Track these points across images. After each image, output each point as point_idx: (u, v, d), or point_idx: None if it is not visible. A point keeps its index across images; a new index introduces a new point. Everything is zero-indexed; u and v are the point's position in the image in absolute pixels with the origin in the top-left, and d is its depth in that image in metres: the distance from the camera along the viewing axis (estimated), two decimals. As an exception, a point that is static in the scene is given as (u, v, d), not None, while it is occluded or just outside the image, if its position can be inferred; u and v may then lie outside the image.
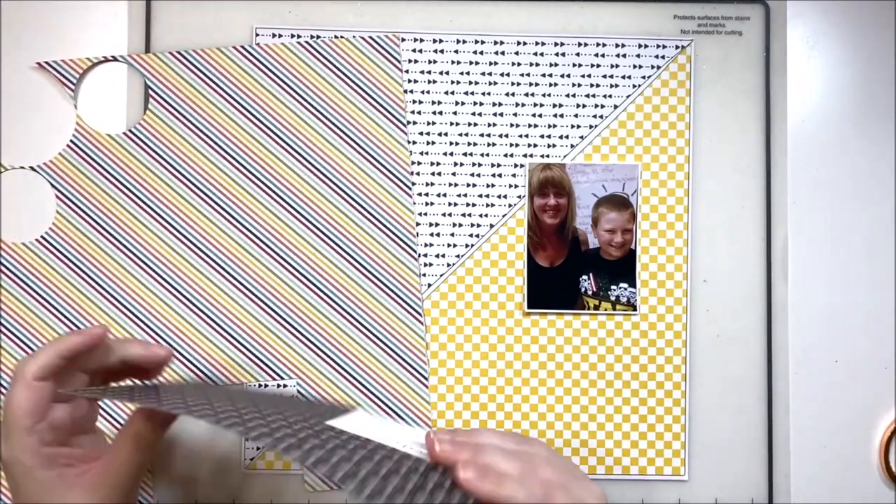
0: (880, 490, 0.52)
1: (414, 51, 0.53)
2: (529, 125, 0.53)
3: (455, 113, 0.53)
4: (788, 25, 0.54)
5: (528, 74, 0.53)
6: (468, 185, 0.53)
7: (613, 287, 0.52)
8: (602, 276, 0.52)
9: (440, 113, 0.53)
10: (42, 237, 0.51)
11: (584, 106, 0.53)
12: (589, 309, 0.52)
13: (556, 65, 0.53)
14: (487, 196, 0.53)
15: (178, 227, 0.52)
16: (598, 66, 0.53)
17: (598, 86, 0.53)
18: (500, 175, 0.53)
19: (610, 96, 0.53)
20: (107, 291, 0.51)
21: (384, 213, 0.52)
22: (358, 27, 0.53)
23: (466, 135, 0.53)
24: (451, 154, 0.53)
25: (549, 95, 0.53)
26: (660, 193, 0.53)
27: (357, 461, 0.34)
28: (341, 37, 0.52)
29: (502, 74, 0.53)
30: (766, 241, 0.53)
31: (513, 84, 0.53)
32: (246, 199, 0.52)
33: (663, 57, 0.53)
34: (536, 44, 0.53)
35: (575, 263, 0.52)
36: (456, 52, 0.53)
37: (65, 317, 0.51)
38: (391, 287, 0.52)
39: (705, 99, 0.53)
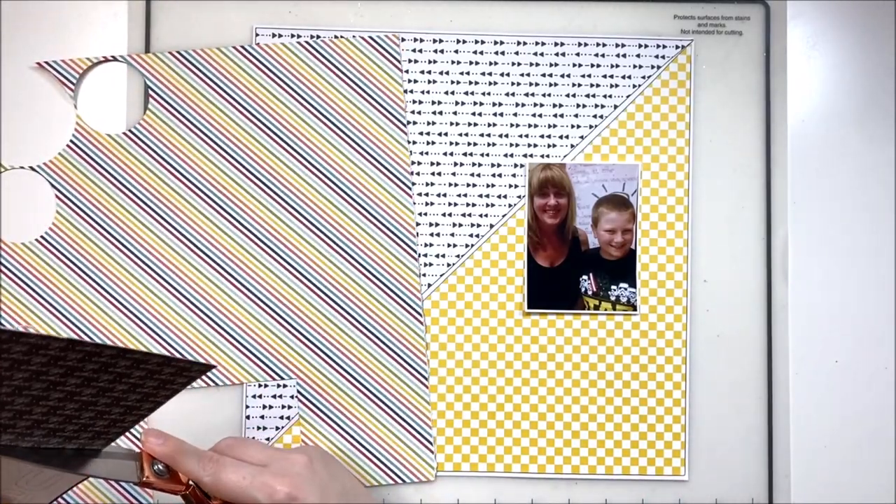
0: (880, 490, 0.52)
1: (414, 51, 0.53)
2: (529, 125, 0.53)
3: (455, 113, 0.53)
4: (788, 25, 0.54)
5: (528, 74, 0.53)
6: (468, 185, 0.53)
7: (613, 287, 0.52)
8: (602, 276, 0.52)
9: (440, 113, 0.53)
10: (42, 237, 0.51)
11: (584, 106, 0.53)
12: (589, 309, 0.52)
13: (556, 65, 0.53)
14: (487, 196, 0.53)
15: (178, 227, 0.52)
16: (598, 66, 0.53)
17: (598, 86, 0.53)
18: (500, 175, 0.53)
19: (610, 96, 0.53)
20: (107, 291, 0.51)
21: (384, 213, 0.52)
22: (358, 27, 0.53)
23: (466, 135, 0.53)
24: (451, 154, 0.53)
25: (549, 95, 0.53)
26: (660, 193, 0.53)
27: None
28: (341, 37, 0.52)
29: (502, 74, 0.53)
30: (766, 241, 0.53)
31: (513, 84, 0.53)
32: (246, 199, 0.52)
33: (663, 57, 0.53)
34: (536, 44, 0.53)
35: (575, 263, 0.52)
36: (456, 52, 0.53)
37: (65, 317, 0.51)
38: (391, 287, 0.52)
39: (705, 99, 0.53)
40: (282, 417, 0.52)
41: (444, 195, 0.53)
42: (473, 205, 0.53)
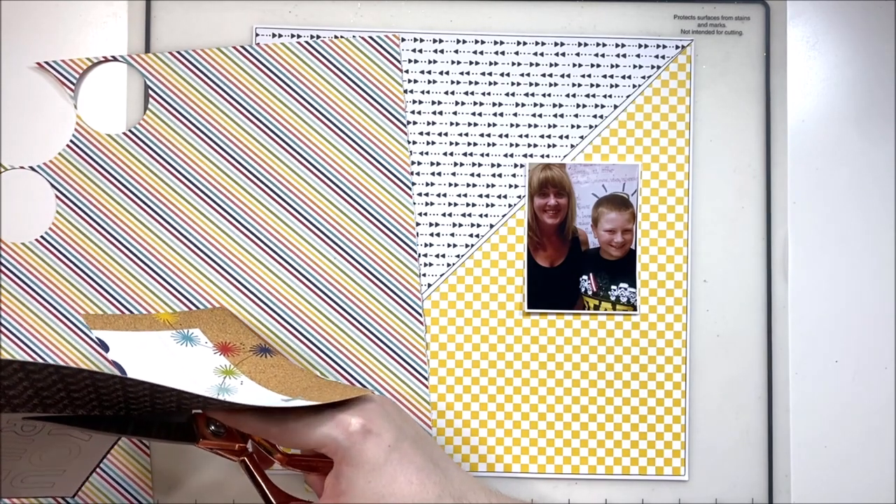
0: (880, 490, 0.53)
1: (414, 51, 0.53)
2: (529, 125, 0.53)
3: (455, 113, 0.53)
4: (788, 25, 0.54)
5: (528, 74, 0.53)
6: (468, 185, 0.53)
7: (613, 287, 0.52)
8: (602, 276, 0.52)
9: (440, 113, 0.53)
10: (42, 237, 0.51)
11: (584, 106, 0.53)
12: (589, 309, 0.52)
13: (556, 65, 0.53)
14: (487, 196, 0.53)
15: (178, 227, 0.52)
16: (598, 66, 0.53)
17: (598, 86, 0.53)
18: (500, 175, 0.53)
19: (610, 96, 0.53)
20: (107, 291, 0.51)
21: (384, 213, 0.52)
22: (358, 27, 0.53)
23: (466, 135, 0.53)
24: (451, 154, 0.53)
25: (549, 95, 0.53)
26: (660, 193, 0.53)
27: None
28: (341, 37, 0.52)
29: (502, 74, 0.53)
30: (766, 241, 0.53)
31: (513, 84, 0.53)
32: (246, 199, 0.52)
33: (663, 57, 0.53)
34: (536, 44, 0.53)
35: (575, 263, 0.52)
36: (456, 52, 0.53)
37: (65, 317, 0.51)
38: (391, 287, 0.52)
39: (705, 99, 0.53)
40: (282, 417, 0.52)
41: (444, 195, 0.53)
42: (473, 205, 0.53)
